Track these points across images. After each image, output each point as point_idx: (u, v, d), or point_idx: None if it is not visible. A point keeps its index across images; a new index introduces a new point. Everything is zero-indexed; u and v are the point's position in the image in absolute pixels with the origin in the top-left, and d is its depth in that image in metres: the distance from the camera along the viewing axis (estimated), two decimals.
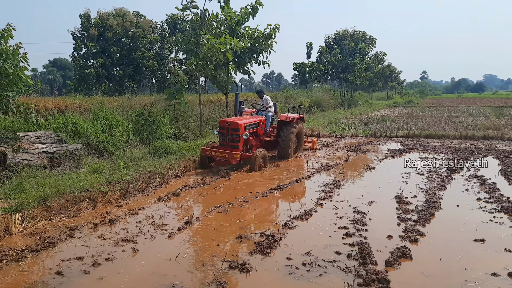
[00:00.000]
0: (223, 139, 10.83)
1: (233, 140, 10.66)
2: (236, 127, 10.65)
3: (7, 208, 6.49)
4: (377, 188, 8.80)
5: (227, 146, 10.69)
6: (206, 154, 10.62)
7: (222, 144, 10.86)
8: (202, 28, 15.02)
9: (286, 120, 12.14)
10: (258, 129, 11.83)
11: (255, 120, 11.65)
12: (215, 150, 10.50)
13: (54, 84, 54.42)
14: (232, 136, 10.64)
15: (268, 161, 11.05)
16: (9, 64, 7.71)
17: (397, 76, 73.54)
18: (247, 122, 11.07)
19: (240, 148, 10.62)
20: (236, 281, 4.61)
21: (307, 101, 29.50)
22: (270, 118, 12.44)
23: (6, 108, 8.01)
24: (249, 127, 11.11)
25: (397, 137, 17.29)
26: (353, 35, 43.92)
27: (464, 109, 35.63)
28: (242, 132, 10.63)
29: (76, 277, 4.70)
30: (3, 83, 7.81)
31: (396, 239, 5.79)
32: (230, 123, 10.74)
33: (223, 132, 10.80)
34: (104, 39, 32.02)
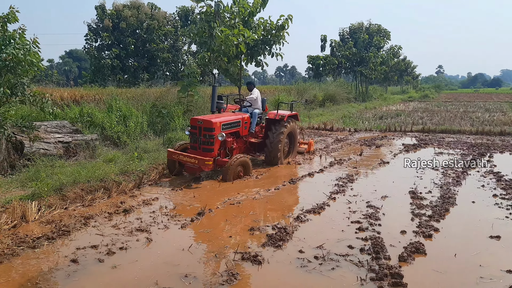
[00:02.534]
0: (194, 141, 8.99)
1: (206, 142, 8.80)
2: (209, 126, 8.78)
3: (24, 196, 6.61)
4: (391, 182, 8.73)
5: (199, 149, 8.86)
6: (173, 158, 8.84)
7: (193, 147, 9.01)
8: (216, 20, 15.01)
9: (275, 119, 10.28)
10: (240, 129, 9.84)
11: (235, 118, 9.65)
12: (183, 154, 8.62)
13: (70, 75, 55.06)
14: (205, 138, 8.80)
15: (251, 168, 9.21)
16: (18, 50, 7.62)
17: (412, 70, 72.55)
18: (224, 120, 9.20)
19: (214, 152, 8.85)
20: (248, 272, 4.63)
21: (321, 94, 29.31)
22: (257, 116, 10.52)
23: (22, 96, 8.08)
24: (227, 126, 9.25)
25: (412, 132, 17.09)
26: (368, 28, 43.38)
27: (481, 104, 34.99)
28: (218, 133, 8.81)
29: (90, 265, 4.77)
30: (18, 71, 7.83)
31: (410, 234, 5.74)
32: (203, 121, 8.87)
33: (194, 133, 8.97)
34: (119, 30, 32.19)
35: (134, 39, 32.47)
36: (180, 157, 8.65)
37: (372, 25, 43.96)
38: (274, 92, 28.31)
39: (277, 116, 10.25)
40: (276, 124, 10.30)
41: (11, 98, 7.90)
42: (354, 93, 38.78)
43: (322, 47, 41.86)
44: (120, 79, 30.16)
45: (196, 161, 8.39)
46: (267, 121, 10.55)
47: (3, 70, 7.48)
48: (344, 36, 43.27)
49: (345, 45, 40.19)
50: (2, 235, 5.56)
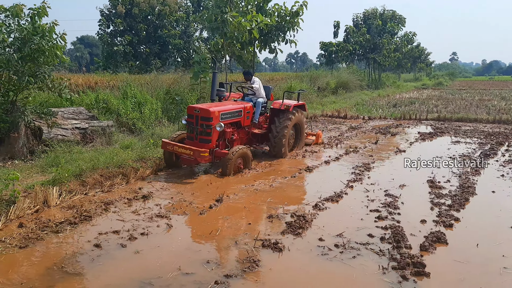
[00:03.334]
0: (191, 131, 8.41)
1: (203, 133, 8.22)
2: (207, 115, 8.17)
3: (45, 182, 6.70)
4: (408, 171, 8.66)
5: (196, 140, 8.29)
6: (168, 149, 8.28)
7: (190, 137, 8.45)
8: (227, 6, 14.86)
9: (280, 109, 9.77)
10: (242, 119, 9.21)
11: (236, 107, 9.03)
12: (178, 145, 8.05)
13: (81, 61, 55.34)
14: (203, 128, 8.21)
15: (251, 161, 8.69)
16: (45, 41, 7.83)
17: (426, 57, 71.43)
18: (223, 109, 8.58)
19: (212, 143, 8.27)
20: (270, 259, 4.65)
21: (333, 82, 29.03)
22: (261, 105, 9.83)
23: (41, 83, 8.17)
24: (227, 116, 8.63)
25: (427, 120, 16.90)
26: (382, 14, 42.66)
27: (496, 92, 34.36)
28: (216, 123, 8.18)
29: (113, 250, 4.84)
30: (40, 60, 7.94)
31: (430, 224, 5.70)
32: (200, 110, 8.23)
33: (191, 122, 8.38)
34: (131, 16, 32.14)
35: (145, 25, 32.41)
36: (175, 148, 8.06)
37: (386, 11, 43.23)
38: (285, 79, 28.09)
39: (282, 106, 9.74)
40: (281, 114, 9.75)
41: (32, 85, 8.01)
42: (366, 80, 38.34)
43: (335, 33, 41.32)
44: (132, 66, 30.21)
45: (192, 152, 7.80)
46: (272, 111, 10.01)
47: (28, 59, 7.60)
48: (357, 22, 42.63)
49: (359, 31, 39.61)
50: (25, 219, 5.66)
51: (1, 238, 5.05)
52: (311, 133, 11.93)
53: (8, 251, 4.76)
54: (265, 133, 9.86)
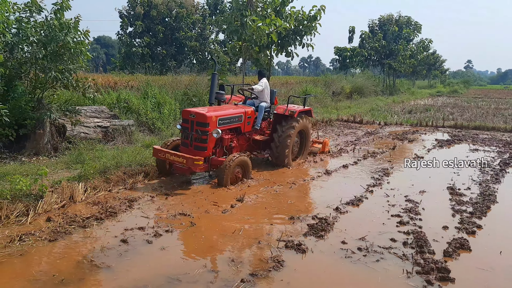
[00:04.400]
0: (185, 137, 7.74)
1: (198, 139, 7.55)
2: (203, 120, 7.50)
3: (71, 178, 6.85)
4: (428, 178, 8.63)
5: (191, 146, 7.64)
6: (159, 157, 7.60)
7: (184, 144, 7.78)
8: (247, 9, 14.99)
9: (284, 114, 9.07)
10: (242, 124, 8.53)
11: (236, 112, 8.35)
12: (170, 153, 7.40)
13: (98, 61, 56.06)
14: (198, 134, 7.54)
15: (251, 169, 8.01)
16: (71, 37, 7.96)
17: (441, 64, 70.81)
18: (222, 114, 7.92)
19: (208, 150, 7.59)
20: (293, 260, 4.70)
21: (348, 87, 29.00)
22: (264, 110, 9.14)
23: (66, 82, 8.35)
24: (225, 121, 7.96)
25: (443, 127, 16.79)
26: (398, 20, 42.47)
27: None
28: (213, 128, 7.53)
29: (140, 246, 4.94)
30: (65, 57, 8.11)
31: (452, 230, 5.70)
32: (196, 114, 7.59)
33: (186, 127, 7.72)
34: (149, 18, 32.52)
35: (163, 27, 32.75)
36: (167, 156, 7.40)
37: (402, 17, 43.03)
38: (300, 83, 28.14)
39: (287, 111, 9.02)
40: (285, 120, 9.07)
41: (57, 83, 8.18)
42: (381, 86, 38.18)
43: (349, 38, 41.22)
44: (148, 67, 30.54)
45: (185, 160, 7.17)
46: (275, 116, 9.31)
47: (53, 56, 7.75)
48: (373, 28, 42.51)
49: (374, 37, 39.50)
50: (53, 213, 5.80)
51: (30, 231, 5.18)
52: (318, 140, 11.36)
53: (38, 244, 4.89)
54: (267, 140, 9.20)
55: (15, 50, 8.00)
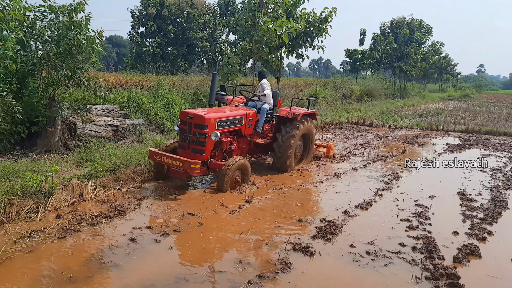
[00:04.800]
0: (183, 139, 7.42)
1: (196, 142, 7.22)
2: (201, 122, 7.18)
3: (81, 176, 6.90)
4: (438, 182, 8.54)
5: (188, 149, 7.33)
6: (155, 159, 7.34)
7: (182, 147, 7.48)
8: (259, 10, 15.00)
9: (287, 117, 8.74)
10: (243, 127, 8.23)
11: (236, 114, 8.03)
12: (166, 155, 7.12)
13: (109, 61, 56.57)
14: (196, 136, 7.21)
15: (250, 174, 7.72)
16: (82, 36, 8.05)
17: (452, 68, 70.18)
18: (221, 116, 7.60)
19: (206, 153, 7.30)
20: (301, 263, 4.68)
21: (359, 89, 28.88)
22: (266, 112, 8.86)
23: (78, 80, 8.43)
24: (225, 123, 7.65)
25: (454, 132, 16.62)
26: (410, 23, 42.20)
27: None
28: (211, 131, 7.23)
29: (148, 245, 4.95)
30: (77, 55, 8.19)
31: (463, 236, 5.63)
32: (194, 116, 7.27)
33: (184, 129, 7.41)
34: (161, 18, 32.70)
35: (174, 27, 32.91)
36: (163, 159, 7.13)
37: (414, 20, 42.77)
38: (310, 85, 28.09)
39: (290, 114, 8.70)
40: (288, 123, 8.73)
41: (69, 81, 8.26)
42: (392, 89, 37.96)
43: (360, 41, 41.06)
44: (159, 66, 30.70)
45: (181, 163, 6.89)
46: (278, 119, 8.96)
47: (66, 54, 7.83)
48: (384, 31, 42.30)
49: (386, 40, 39.29)
50: (63, 211, 5.84)
51: (40, 228, 5.23)
52: (322, 144, 10.95)
53: (48, 240, 4.93)
54: (269, 143, 8.90)
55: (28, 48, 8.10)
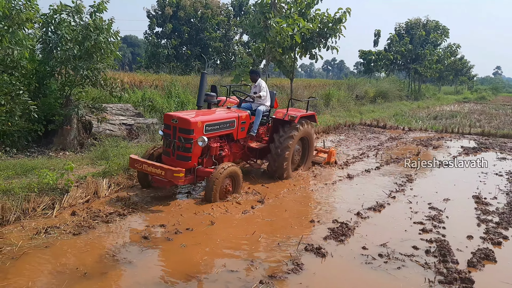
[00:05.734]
0: (167, 145, 6.76)
1: (181, 148, 6.58)
2: (187, 126, 6.54)
3: (95, 173, 6.99)
4: (453, 185, 8.44)
5: (173, 156, 6.68)
6: (136, 167, 6.68)
7: (166, 153, 6.83)
8: (271, 11, 15.01)
9: (284, 119, 8.13)
10: (235, 131, 7.57)
11: (227, 117, 7.37)
12: (147, 163, 6.50)
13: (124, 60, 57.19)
14: (181, 141, 6.56)
15: (241, 182, 7.05)
16: (103, 38, 8.20)
17: (468, 70, 69.22)
18: (209, 119, 6.94)
19: (193, 160, 6.65)
20: (313, 264, 4.67)
21: (372, 90, 28.66)
22: (262, 114, 8.16)
23: (95, 80, 8.56)
24: (214, 127, 6.99)
25: (470, 135, 16.38)
26: (426, 25, 41.77)
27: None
28: (198, 136, 6.56)
29: (160, 242, 5.01)
30: (95, 57, 8.33)
31: (477, 240, 5.56)
32: (179, 119, 6.61)
33: (168, 134, 6.75)
34: (176, 18, 32.96)
35: (188, 27, 33.13)
36: (144, 167, 6.49)
37: (429, 21, 42.31)
38: (323, 85, 28.00)
39: (286, 116, 8.08)
40: (284, 126, 8.12)
41: (85, 81, 8.40)
42: (406, 90, 37.59)
43: (375, 42, 40.76)
44: (173, 66, 30.93)
45: (163, 172, 6.26)
46: (274, 121, 8.40)
47: (85, 55, 7.98)
48: (399, 32, 41.94)
49: (401, 41, 38.94)
50: (77, 208, 5.94)
51: (56, 224, 5.32)
52: (323, 149, 10.22)
53: (63, 237, 5.01)
54: (265, 148, 8.25)
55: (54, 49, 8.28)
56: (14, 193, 5.74)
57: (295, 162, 8.69)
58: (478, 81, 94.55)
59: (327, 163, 9.69)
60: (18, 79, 7.89)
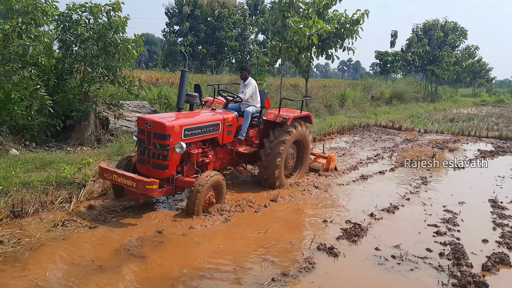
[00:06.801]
0: (142, 152, 5.99)
1: (157, 155, 5.84)
2: (162, 131, 5.79)
3: None
4: (468, 189, 8.35)
5: (148, 164, 5.93)
6: (105, 178, 5.89)
7: (141, 161, 6.04)
8: (289, 10, 15.02)
9: (275, 121, 7.39)
10: (220, 135, 6.85)
11: (210, 120, 6.63)
12: (117, 173, 5.70)
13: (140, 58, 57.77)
14: (156, 148, 5.82)
15: (225, 193, 6.30)
16: (118, 36, 8.34)
17: (487, 72, 68.05)
18: (188, 123, 6.18)
19: (170, 169, 5.93)
20: (325, 263, 4.69)
21: (388, 92, 28.42)
22: (251, 115, 7.53)
23: (113, 77, 8.70)
24: (194, 131, 6.26)
25: (487, 138, 16.13)
26: (444, 26, 41.19)
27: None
28: (175, 141, 5.83)
29: (175, 238, 5.08)
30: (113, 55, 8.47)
31: (493, 244, 5.50)
32: (153, 123, 5.84)
33: (142, 140, 5.99)
34: (193, 17, 33.16)
35: (205, 26, 33.29)
36: (114, 177, 5.72)
37: (448, 22, 41.72)
38: (338, 86, 27.84)
39: (278, 117, 7.34)
40: (276, 128, 7.39)
41: (104, 79, 8.55)
42: (422, 92, 37.15)
43: (391, 42, 40.36)
44: (189, 65, 31.11)
45: (134, 183, 5.49)
46: (265, 123, 7.61)
47: (103, 53, 8.12)
48: (417, 33, 41.44)
49: (419, 42, 38.49)
50: (94, 202, 6.04)
51: (73, 217, 5.43)
52: (321, 154, 9.34)
53: (79, 230, 5.12)
54: (255, 152, 7.52)
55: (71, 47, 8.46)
56: (33, 186, 5.89)
57: (289, 168, 7.91)
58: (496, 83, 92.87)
59: (326, 169, 8.84)
60: (38, 75, 8.07)
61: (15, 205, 5.34)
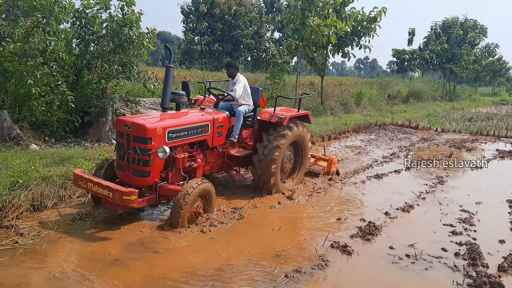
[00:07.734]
0: (121, 157, 5.40)
1: (137, 161, 5.26)
2: (142, 134, 5.20)
3: None
4: (486, 189, 8.22)
5: (128, 171, 5.36)
6: (80, 186, 5.34)
7: (120, 167, 5.48)
8: (310, 9, 14.99)
9: (270, 121, 6.81)
10: (209, 136, 6.29)
11: (197, 121, 6.05)
12: (92, 181, 5.15)
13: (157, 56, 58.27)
14: (136, 152, 5.23)
15: (214, 201, 5.74)
16: (133, 32, 8.45)
17: (507, 71, 66.62)
18: (172, 124, 5.59)
19: (153, 176, 5.35)
20: (339, 261, 4.69)
21: (405, 90, 28.07)
22: (243, 115, 6.93)
23: (129, 73, 8.83)
24: (179, 134, 5.67)
25: (506, 138, 15.81)
26: (463, 24, 40.48)
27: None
28: (158, 145, 5.27)
29: (191, 234, 5.12)
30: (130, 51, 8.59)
31: (509, 245, 5.42)
32: (132, 125, 5.24)
33: (121, 143, 5.41)
34: (210, 15, 33.34)
35: (221, 24, 33.44)
36: (89, 186, 5.18)
37: (467, 20, 40.98)
38: (354, 84, 27.62)
39: (273, 117, 6.76)
40: (271, 129, 6.85)
41: (120, 75, 8.68)
42: (440, 91, 36.59)
43: (409, 40, 39.89)
44: (205, 63, 31.31)
45: (111, 193, 4.97)
46: (259, 124, 7.05)
47: (118, 49, 8.24)
48: (436, 31, 40.84)
49: (438, 40, 37.91)
50: None
51: (90, 212, 5.55)
52: (321, 156, 8.72)
53: (96, 224, 5.23)
54: (249, 155, 6.99)
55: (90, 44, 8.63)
56: (52, 180, 6.03)
57: (286, 171, 7.38)
58: None
59: (327, 173, 8.32)
60: (58, 71, 8.24)
61: (35, 198, 5.49)
